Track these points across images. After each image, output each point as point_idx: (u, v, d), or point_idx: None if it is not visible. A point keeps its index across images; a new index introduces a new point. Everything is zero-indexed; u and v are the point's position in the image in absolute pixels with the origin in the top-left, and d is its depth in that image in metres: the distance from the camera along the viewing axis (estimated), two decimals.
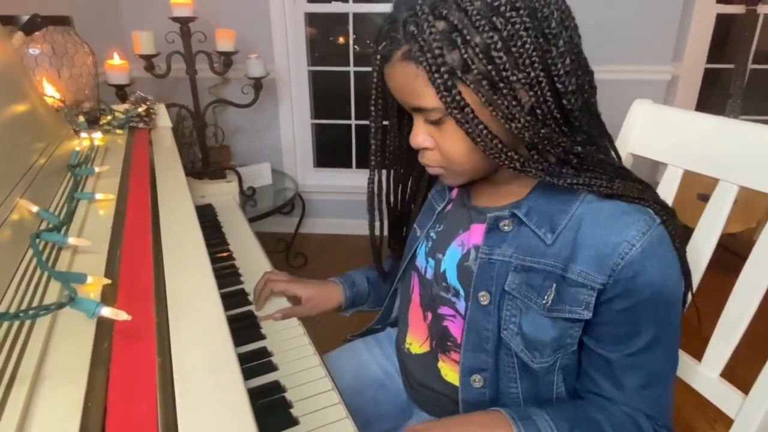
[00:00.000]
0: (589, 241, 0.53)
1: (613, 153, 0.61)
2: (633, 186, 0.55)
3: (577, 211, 0.55)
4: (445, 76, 0.49)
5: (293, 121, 2.48)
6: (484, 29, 0.48)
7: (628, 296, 0.53)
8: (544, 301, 0.55)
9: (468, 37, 0.48)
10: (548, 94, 0.50)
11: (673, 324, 0.56)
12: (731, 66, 2.02)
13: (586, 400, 0.60)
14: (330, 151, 2.70)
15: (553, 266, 0.55)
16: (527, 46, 0.48)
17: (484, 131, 0.51)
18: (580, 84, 0.52)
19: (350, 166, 2.64)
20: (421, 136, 0.57)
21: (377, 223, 0.73)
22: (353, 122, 2.55)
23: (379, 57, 0.55)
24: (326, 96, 2.59)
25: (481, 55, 0.48)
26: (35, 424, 0.32)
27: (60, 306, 0.38)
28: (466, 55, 0.48)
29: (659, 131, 0.80)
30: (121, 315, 0.38)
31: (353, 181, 2.56)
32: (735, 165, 0.69)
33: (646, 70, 2.20)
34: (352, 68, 2.44)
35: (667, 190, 0.78)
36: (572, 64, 0.51)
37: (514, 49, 0.48)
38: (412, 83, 0.52)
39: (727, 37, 2.33)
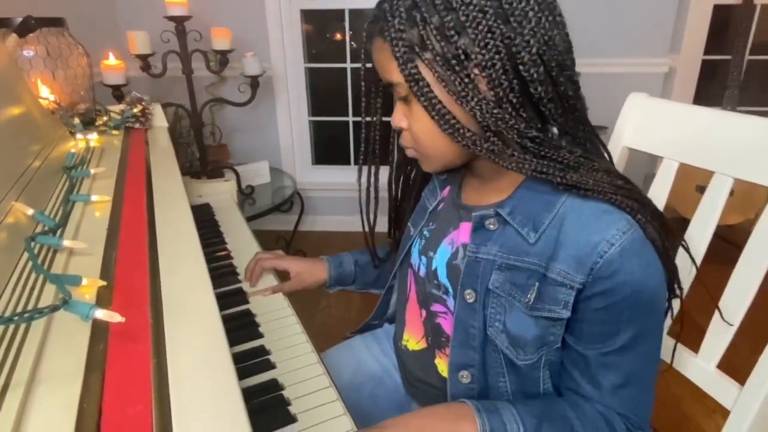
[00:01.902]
0: (570, 241, 0.53)
1: (599, 144, 0.61)
2: (591, 176, 0.54)
3: (560, 210, 0.55)
4: (404, 50, 0.52)
5: (291, 118, 2.48)
6: (440, 9, 0.50)
7: (607, 295, 0.53)
8: (526, 299, 0.55)
9: (426, 15, 0.51)
10: (503, 78, 0.51)
11: (653, 325, 0.56)
12: (728, 57, 2.02)
13: (563, 397, 0.60)
14: (328, 148, 2.70)
15: (536, 265, 0.55)
16: (481, 27, 0.50)
17: (438, 105, 0.53)
18: (554, 76, 0.53)
19: (348, 163, 2.64)
20: (397, 115, 0.60)
21: (372, 204, 0.75)
22: (350, 119, 2.55)
23: (365, 37, 0.59)
24: (323, 93, 2.58)
25: (435, 33, 0.51)
26: (30, 427, 0.32)
27: (54, 309, 0.38)
28: (423, 32, 0.51)
29: (654, 124, 0.80)
30: (115, 317, 0.38)
31: (352, 177, 2.52)
32: (729, 157, 0.69)
33: (643, 62, 2.19)
34: (348, 65, 2.44)
35: (663, 184, 0.78)
36: (541, 55, 0.51)
37: (469, 30, 0.50)
38: (382, 57, 0.56)
39: (724, 28, 2.32)
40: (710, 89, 2.34)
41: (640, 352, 0.55)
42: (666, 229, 0.56)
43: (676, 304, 0.63)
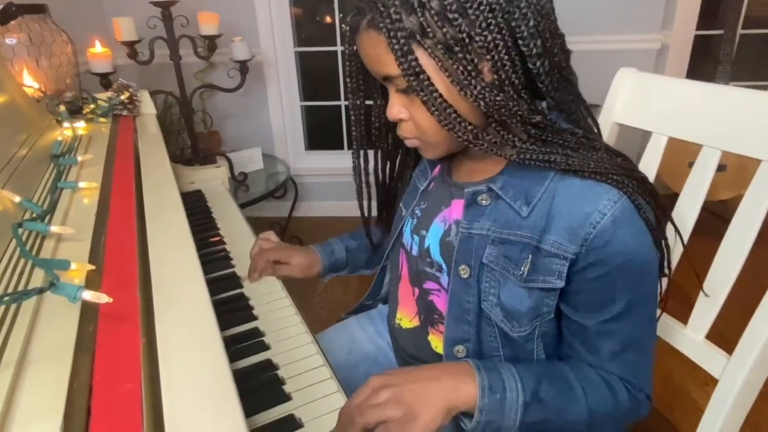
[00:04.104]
0: (562, 212, 0.54)
1: (590, 121, 0.61)
2: (592, 157, 0.54)
3: (551, 183, 0.55)
4: (402, 41, 0.50)
5: (282, 103, 2.46)
6: None
7: (601, 265, 0.53)
8: (520, 272, 0.56)
9: (424, 0, 0.49)
10: (505, 58, 0.50)
11: (647, 291, 0.57)
12: (721, 32, 2.01)
13: (565, 362, 0.61)
14: (321, 133, 2.68)
15: (529, 238, 0.56)
16: (482, 7, 0.48)
17: (439, 99, 0.52)
18: (549, 47, 0.52)
19: (342, 148, 2.63)
20: (395, 107, 0.58)
21: (365, 202, 0.74)
22: (342, 102, 2.53)
23: (348, 29, 0.56)
24: (315, 77, 2.56)
25: (436, 18, 0.49)
26: (21, 405, 0.32)
27: (41, 291, 0.38)
28: (422, 19, 0.49)
29: (643, 99, 0.80)
30: (102, 298, 0.38)
31: (345, 162, 2.52)
32: (717, 130, 0.69)
33: (635, 39, 2.18)
34: (339, 48, 2.41)
35: (652, 159, 0.78)
36: (537, 27, 0.51)
37: (470, 11, 0.48)
38: (377, 51, 0.53)
39: (716, 2, 2.31)
40: (703, 65, 2.33)
41: (636, 318, 0.56)
42: (661, 209, 0.57)
43: (664, 281, 0.64)
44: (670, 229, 0.63)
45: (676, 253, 0.71)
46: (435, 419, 0.49)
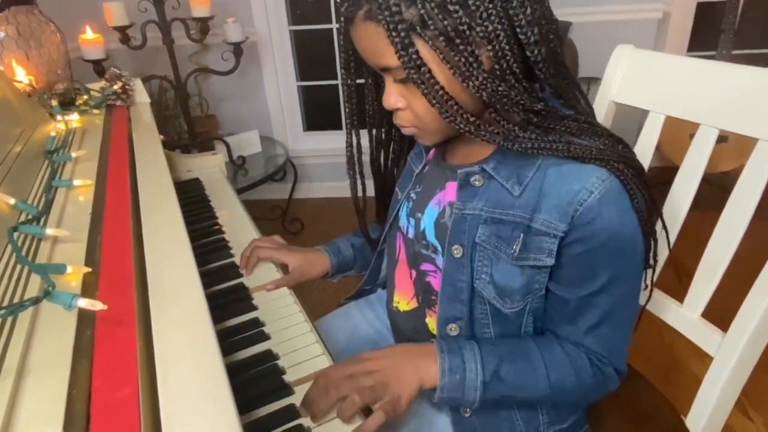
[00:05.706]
0: (553, 191, 0.55)
1: (583, 103, 0.61)
2: (594, 144, 0.55)
3: (543, 162, 0.56)
4: (403, 33, 0.49)
5: (279, 84, 2.43)
6: None
7: (585, 241, 0.55)
8: (512, 251, 0.57)
9: None
10: (506, 48, 0.50)
11: (630, 269, 0.58)
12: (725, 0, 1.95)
13: (540, 336, 0.63)
14: (319, 113, 2.65)
15: (521, 217, 0.56)
16: None
17: (440, 92, 0.52)
18: (545, 34, 0.52)
19: (340, 128, 2.61)
20: (393, 96, 0.58)
21: (359, 186, 0.75)
22: (340, 82, 2.50)
23: (342, 19, 0.55)
24: (311, 56, 2.52)
25: (437, 10, 0.48)
26: (22, 413, 0.33)
27: (36, 301, 0.39)
28: (423, 11, 0.49)
29: (640, 77, 0.79)
30: (97, 305, 0.38)
31: (344, 143, 2.52)
32: (715, 108, 0.68)
33: (636, 9, 2.12)
34: (335, 25, 2.37)
35: (650, 137, 0.77)
36: (534, 14, 0.50)
37: (470, 2, 0.48)
38: (375, 43, 0.52)
39: None
40: (706, 34, 2.27)
41: (615, 295, 0.58)
42: (653, 203, 0.58)
43: (656, 262, 0.65)
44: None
45: (676, 227, 0.71)
46: (412, 395, 0.56)
